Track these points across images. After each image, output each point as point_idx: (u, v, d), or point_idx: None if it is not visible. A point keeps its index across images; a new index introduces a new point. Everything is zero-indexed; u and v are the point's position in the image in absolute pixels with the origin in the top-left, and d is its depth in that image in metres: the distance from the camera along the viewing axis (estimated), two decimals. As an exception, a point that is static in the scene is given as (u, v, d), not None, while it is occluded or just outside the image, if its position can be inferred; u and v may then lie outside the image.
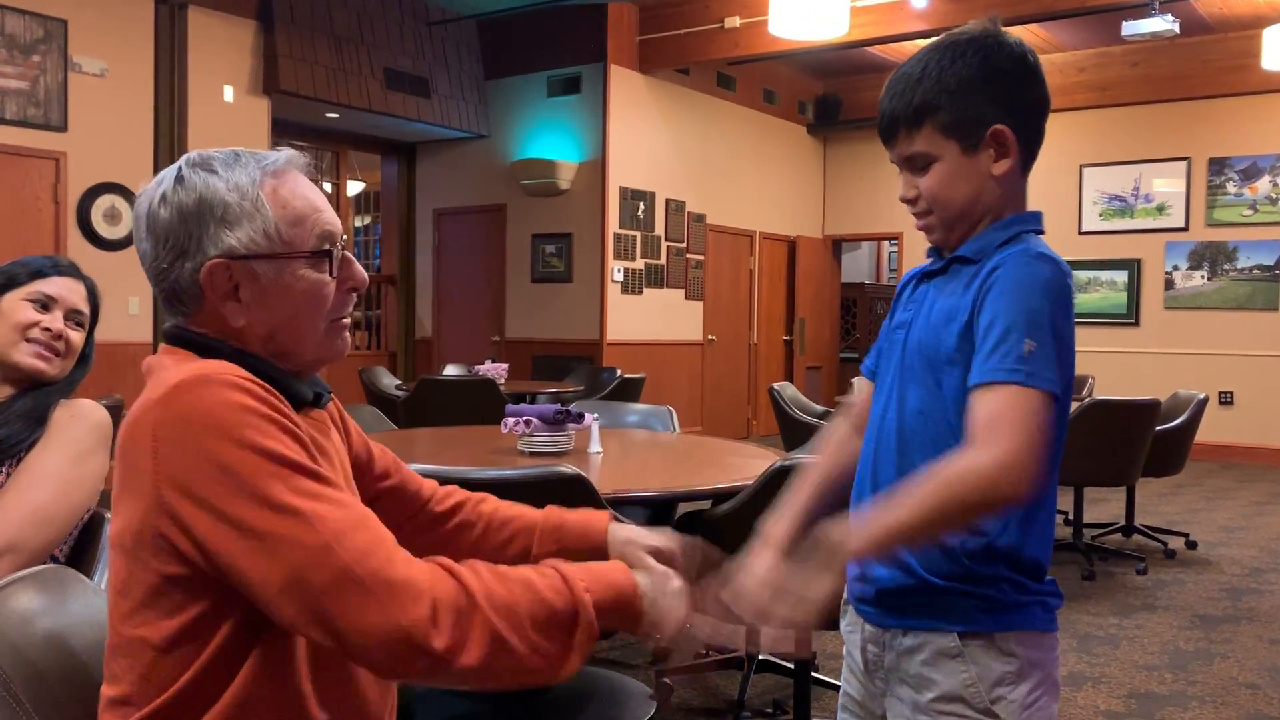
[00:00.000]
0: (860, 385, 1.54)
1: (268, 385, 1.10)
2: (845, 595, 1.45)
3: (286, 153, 1.21)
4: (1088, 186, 10.09)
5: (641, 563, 1.24)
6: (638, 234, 9.30)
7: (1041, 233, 1.34)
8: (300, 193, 1.18)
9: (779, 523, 1.44)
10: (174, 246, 1.14)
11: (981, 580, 1.28)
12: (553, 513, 1.41)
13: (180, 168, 1.17)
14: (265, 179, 1.16)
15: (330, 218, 1.20)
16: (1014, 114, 1.31)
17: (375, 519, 1.06)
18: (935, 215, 1.35)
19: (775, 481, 2.45)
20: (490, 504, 1.44)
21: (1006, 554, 1.28)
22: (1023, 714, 1.28)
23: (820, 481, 1.51)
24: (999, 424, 1.18)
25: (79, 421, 1.81)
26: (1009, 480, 1.16)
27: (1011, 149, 1.31)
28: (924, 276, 1.40)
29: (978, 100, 1.30)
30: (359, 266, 1.23)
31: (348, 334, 1.24)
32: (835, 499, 1.48)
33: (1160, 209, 9.79)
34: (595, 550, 1.36)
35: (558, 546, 1.37)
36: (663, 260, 9.60)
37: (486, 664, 1.02)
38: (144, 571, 1.07)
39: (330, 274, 1.19)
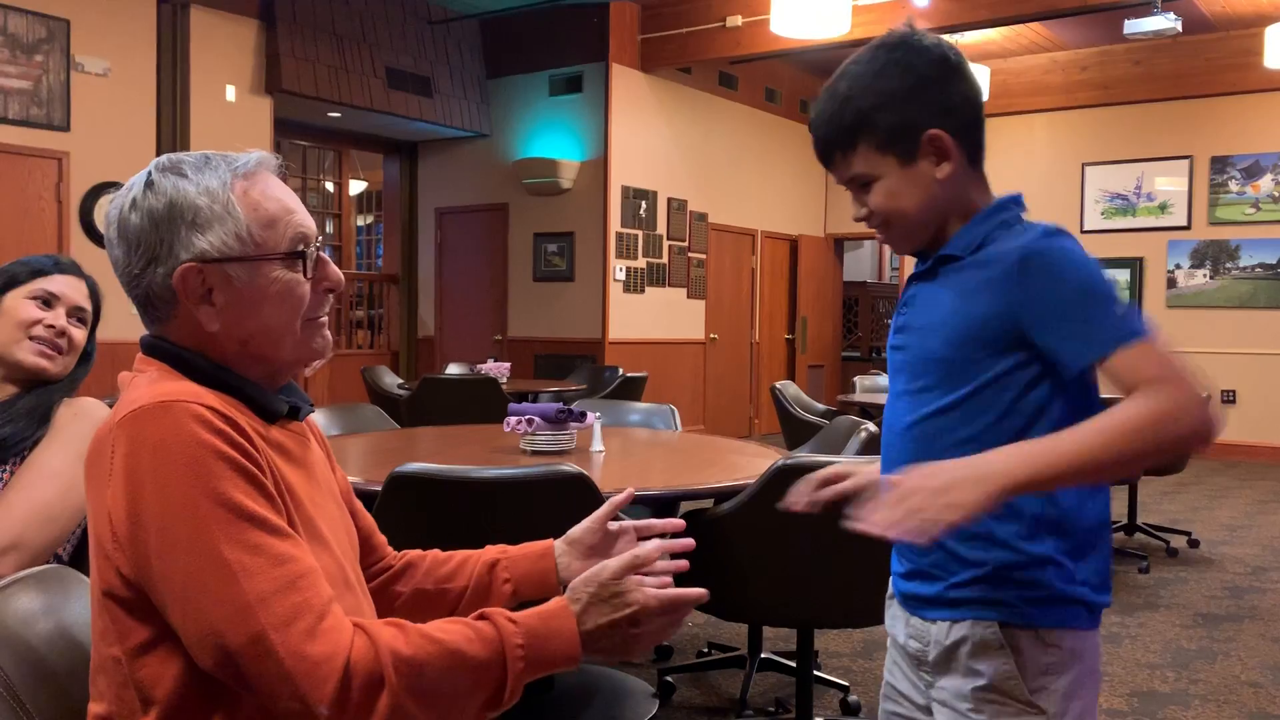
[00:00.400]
0: None
1: (234, 412, 1.09)
2: (890, 589, 1.45)
3: (257, 154, 1.19)
4: (1090, 185, 10.08)
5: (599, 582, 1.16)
6: (640, 233, 9.29)
7: (1024, 211, 1.35)
8: (272, 194, 1.17)
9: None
10: (145, 252, 1.13)
11: (1030, 564, 1.28)
12: (497, 547, 1.43)
13: (150, 173, 1.16)
14: (236, 181, 1.15)
15: (303, 219, 1.19)
16: (946, 116, 1.31)
17: (313, 576, 1.04)
18: (893, 229, 1.37)
19: (777, 481, 2.45)
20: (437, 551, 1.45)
21: (1058, 528, 1.29)
22: (1064, 704, 1.28)
23: None
24: (1158, 373, 1.19)
25: (82, 419, 1.81)
26: (1211, 415, 1.18)
27: (950, 151, 1.31)
28: (915, 278, 1.41)
29: (906, 111, 1.30)
30: (334, 267, 1.22)
31: (328, 332, 1.23)
32: None
33: (1162, 207, 9.78)
34: (545, 574, 1.38)
35: (507, 574, 1.38)
36: (665, 259, 9.60)
37: None
38: (99, 590, 1.07)
39: (305, 275, 1.18)
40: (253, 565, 1.00)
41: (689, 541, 1.33)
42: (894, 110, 1.30)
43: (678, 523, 1.38)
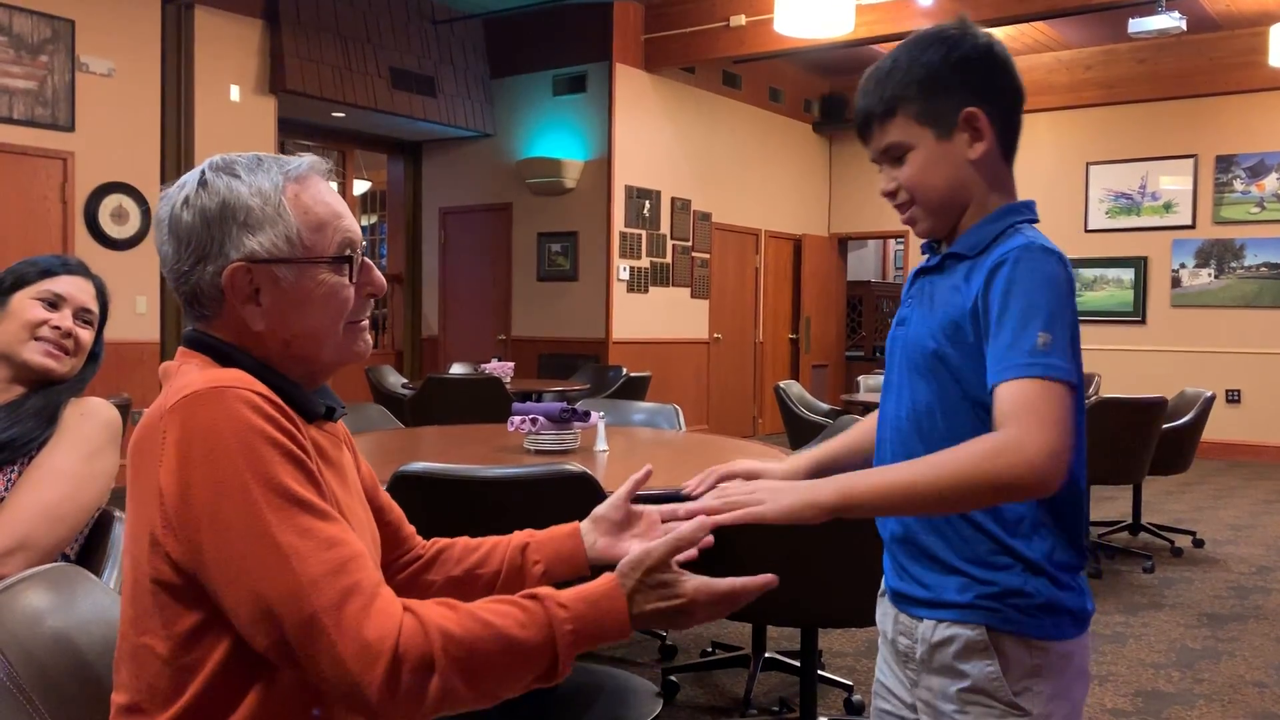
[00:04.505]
0: None
1: (280, 402, 1.10)
2: (882, 586, 1.46)
3: (309, 159, 1.21)
4: (1094, 184, 10.07)
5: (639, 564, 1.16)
6: (643, 232, 9.30)
7: (1035, 221, 1.35)
8: (322, 199, 1.19)
9: (799, 457, 1.52)
10: (195, 249, 1.15)
11: (1018, 569, 1.28)
12: (525, 531, 1.44)
13: (204, 171, 1.18)
14: (288, 184, 1.17)
15: (351, 224, 1.21)
16: (985, 98, 1.32)
17: (362, 560, 1.06)
18: (918, 205, 1.36)
19: (781, 480, 2.45)
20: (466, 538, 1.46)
21: (1047, 543, 1.29)
22: (1049, 705, 1.28)
23: (852, 442, 1.56)
24: (1033, 414, 1.17)
25: (89, 420, 1.82)
26: (1048, 468, 1.16)
27: (985, 131, 1.32)
28: (921, 272, 1.41)
29: (947, 87, 1.32)
30: (378, 273, 1.24)
31: (368, 335, 1.25)
32: (861, 463, 1.52)
33: (1167, 206, 9.77)
34: (574, 553, 1.39)
35: (538, 556, 1.39)
36: (668, 259, 9.61)
37: (431, 714, 1.04)
38: (144, 577, 1.08)
39: (350, 279, 1.20)
40: (304, 549, 1.02)
41: (709, 540, 1.27)
42: (935, 84, 1.31)
43: (696, 506, 1.32)
